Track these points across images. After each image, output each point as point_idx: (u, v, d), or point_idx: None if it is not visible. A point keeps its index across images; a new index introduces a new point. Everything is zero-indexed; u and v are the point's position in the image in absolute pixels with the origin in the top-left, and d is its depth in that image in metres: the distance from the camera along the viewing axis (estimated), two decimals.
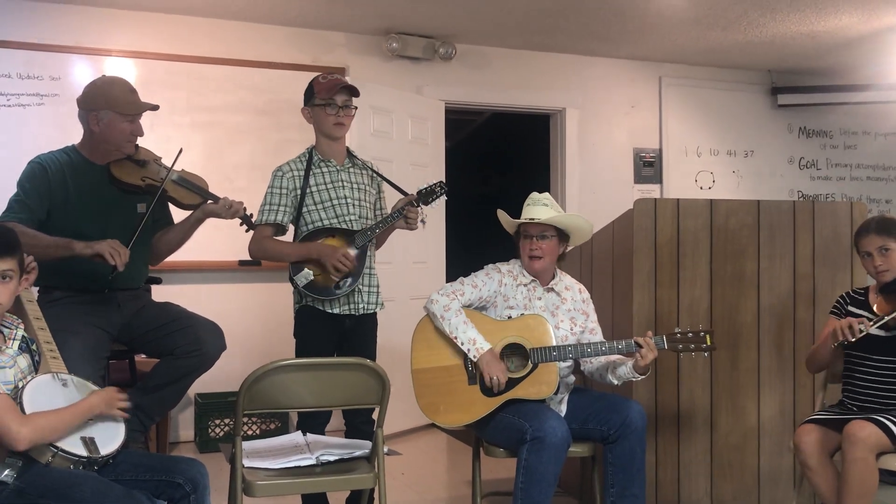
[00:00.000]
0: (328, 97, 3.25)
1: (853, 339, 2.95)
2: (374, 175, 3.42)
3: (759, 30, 5.63)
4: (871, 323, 2.95)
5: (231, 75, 5.30)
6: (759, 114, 6.80)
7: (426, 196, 3.30)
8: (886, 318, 2.94)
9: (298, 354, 3.26)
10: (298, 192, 3.24)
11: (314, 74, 3.48)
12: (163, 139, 4.87)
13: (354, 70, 5.49)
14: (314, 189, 3.25)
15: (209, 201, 3.16)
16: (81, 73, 4.92)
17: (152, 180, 3.10)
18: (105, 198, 3.06)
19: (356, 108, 3.35)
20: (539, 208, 3.21)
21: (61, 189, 3.00)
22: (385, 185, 3.46)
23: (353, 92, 3.30)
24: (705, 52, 6.22)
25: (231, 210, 3.13)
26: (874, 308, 3.06)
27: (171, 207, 3.27)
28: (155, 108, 3.12)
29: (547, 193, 3.27)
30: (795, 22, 5.44)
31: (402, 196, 3.34)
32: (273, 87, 5.37)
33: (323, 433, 3.14)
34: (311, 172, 3.26)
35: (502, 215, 3.27)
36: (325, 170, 3.28)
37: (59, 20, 4.99)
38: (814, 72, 6.70)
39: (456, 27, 5.57)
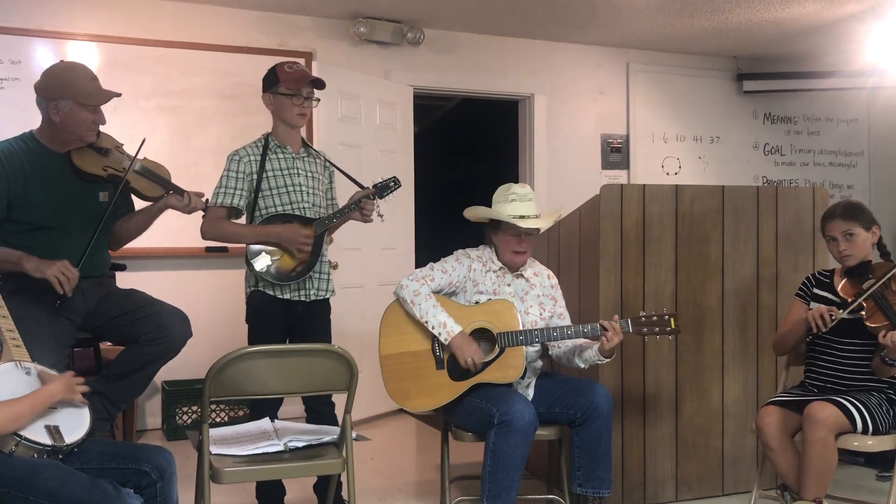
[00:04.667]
0: (295, 88, 3.25)
1: (825, 330, 3.01)
2: (327, 164, 3.43)
3: (724, 16, 5.67)
4: (842, 311, 3.00)
5: (197, 59, 5.23)
6: (724, 100, 6.86)
7: (381, 190, 3.34)
8: (852, 306, 2.99)
9: (251, 340, 3.25)
10: (254, 176, 3.25)
11: (281, 59, 3.47)
12: (127, 124, 4.81)
13: (322, 55, 5.45)
14: (270, 174, 3.26)
15: (171, 192, 3.13)
16: (43, 56, 4.83)
17: (114, 170, 3.05)
18: (66, 187, 2.99)
19: (318, 99, 3.35)
20: (528, 204, 3.18)
21: (19, 179, 2.92)
22: (338, 175, 3.48)
23: (318, 85, 3.31)
24: (672, 39, 6.26)
25: (190, 207, 3.12)
26: (839, 291, 3.12)
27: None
28: (117, 95, 3.05)
29: (528, 186, 3.28)
30: (760, 9, 5.49)
31: (357, 188, 3.37)
32: (239, 71, 5.31)
33: (276, 417, 3.14)
34: (267, 158, 3.27)
35: (494, 213, 3.19)
36: (280, 156, 3.29)
37: (21, 2, 4.89)
38: (779, 58, 6.78)
39: (424, 12, 5.55)
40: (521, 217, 3.15)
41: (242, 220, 3.34)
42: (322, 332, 3.34)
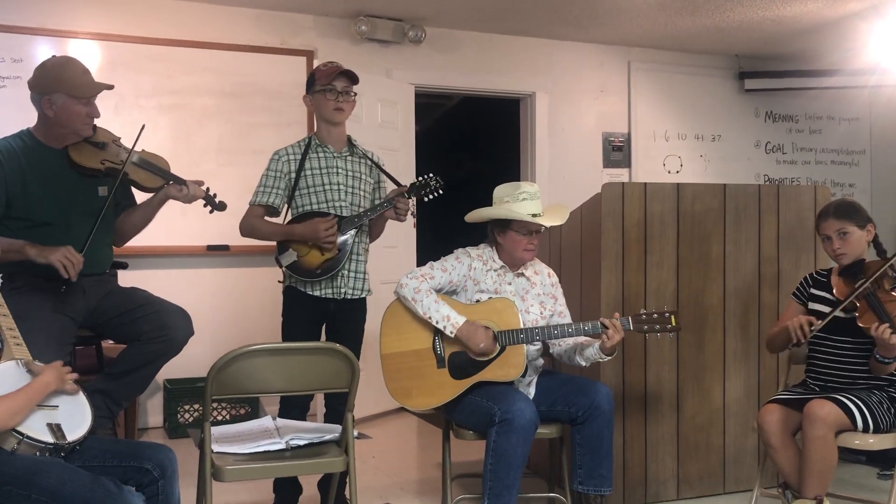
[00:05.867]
0: (327, 83, 3.28)
1: (804, 341, 3.03)
2: (374, 165, 3.43)
3: (726, 14, 5.67)
4: (821, 322, 3.02)
5: (198, 58, 5.23)
6: (726, 98, 6.86)
7: (418, 189, 3.33)
8: (844, 304, 3.00)
9: (283, 334, 3.31)
10: (293, 175, 3.28)
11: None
12: (128, 122, 4.80)
13: (323, 53, 5.45)
14: (308, 173, 3.28)
15: (171, 182, 3.13)
16: (45, 55, 4.78)
17: (112, 163, 3.04)
18: (65, 183, 3.00)
19: (356, 94, 3.37)
20: (538, 202, 3.20)
21: (18, 177, 2.93)
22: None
23: (352, 78, 3.33)
24: (673, 37, 6.26)
25: (191, 196, 3.12)
26: (834, 290, 3.12)
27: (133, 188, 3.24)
28: (110, 87, 3.04)
29: (535, 184, 3.29)
30: (762, 7, 5.49)
31: (395, 186, 3.37)
32: (240, 69, 5.32)
33: (305, 417, 3.15)
34: (307, 157, 3.29)
35: (509, 212, 3.17)
36: (321, 155, 3.31)
37: (22, 1, 4.89)
38: (780, 57, 6.77)
39: (425, 10, 5.54)
40: (536, 215, 3.16)
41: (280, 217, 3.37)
42: (352, 333, 3.35)
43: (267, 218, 3.35)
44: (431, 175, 3.36)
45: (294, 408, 3.20)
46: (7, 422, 2.11)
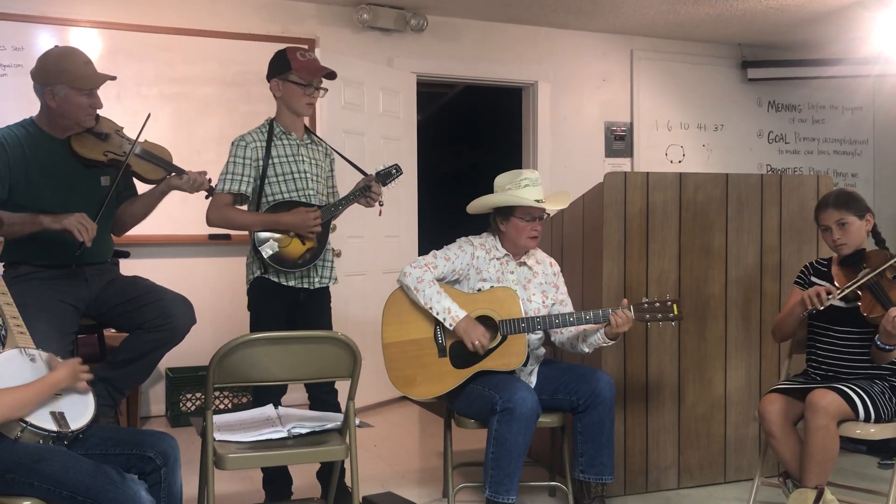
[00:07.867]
0: (309, 80, 3.23)
1: (822, 308, 3.00)
2: (328, 152, 3.42)
3: (729, 3, 5.65)
4: (839, 291, 3.00)
5: (199, 46, 5.22)
6: (729, 88, 6.84)
7: (384, 177, 3.33)
8: (846, 291, 3.00)
9: (253, 327, 3.23)
10: (260, 162, 3.21)
11: (284, 46, 3.43)
12: (130, 111, 4.79)
13: (325, 41, 5.44)
14: (276, 161, 3.22)
15: (173, 174, 3.12)
16: (46, 43, 4.80)
17: (115, 154, 3.04)
18: (67, 172, 3.00)
19: (326, 89, 3.35)
20: (540, 188, 3.21)
21: (21, 165, 2.93)
22: (338, 162, 3.48)
23: (331, 76, 3.31)
24: (676, 26, 6.23)
25: (195, 185, 3.11)
26: (835, 280, 3.12)
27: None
28: (112, 78, 3.03)
29: (536, 171, 3.29)
30: None
31: (358, 172, 3.38)
32: (242, 58, 5.30)
33: (279, 404, 3.14)
34: (272, 144, 3.23)
35: (514, 198, 3.19)
36: (286, 142, 3.26)
37: None
38: (783, 46, 6.75)
39: None
40: (539, 201, 3.17)
41: (245, 206, 3.34)
42: (325, 320, 3.34)
43: (238, 207, 3.28)
44: (391, 164, 3.37)
45: (272, 396, 3.14)
46: (14, 413, 2.12)
